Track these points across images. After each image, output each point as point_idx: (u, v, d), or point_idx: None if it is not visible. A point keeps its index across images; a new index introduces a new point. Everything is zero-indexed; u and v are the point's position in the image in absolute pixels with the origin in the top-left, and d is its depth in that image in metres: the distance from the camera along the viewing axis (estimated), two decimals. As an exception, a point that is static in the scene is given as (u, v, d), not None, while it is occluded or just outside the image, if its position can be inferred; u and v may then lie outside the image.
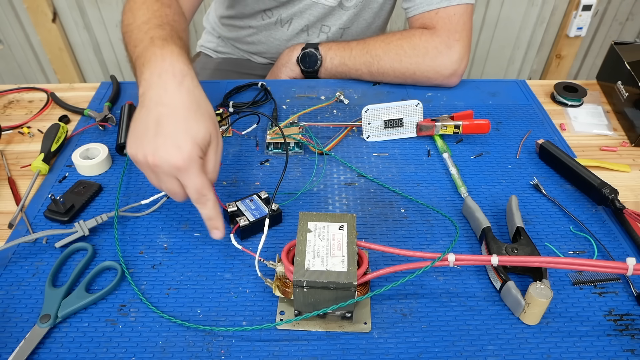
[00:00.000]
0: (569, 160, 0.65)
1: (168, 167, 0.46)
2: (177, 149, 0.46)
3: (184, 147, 0.46)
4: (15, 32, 1.81)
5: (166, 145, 0.46)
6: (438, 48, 0.79)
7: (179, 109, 0.48)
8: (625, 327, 0.49)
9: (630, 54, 0.80)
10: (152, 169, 0.47)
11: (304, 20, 0.90)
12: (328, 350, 0.46)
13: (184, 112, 0.48)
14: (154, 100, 0.48)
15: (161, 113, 0.47)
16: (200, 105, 0.49)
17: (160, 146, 0.46)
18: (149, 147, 0.47)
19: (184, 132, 0.47)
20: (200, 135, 0.47)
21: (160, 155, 0.46)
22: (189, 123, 0.47)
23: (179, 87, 0.49)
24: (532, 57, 2.01)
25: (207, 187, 0.48)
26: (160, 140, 0.46)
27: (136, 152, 0.48)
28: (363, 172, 0.66)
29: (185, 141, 0.46)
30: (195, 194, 0.48)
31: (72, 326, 0.48)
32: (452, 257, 0.47)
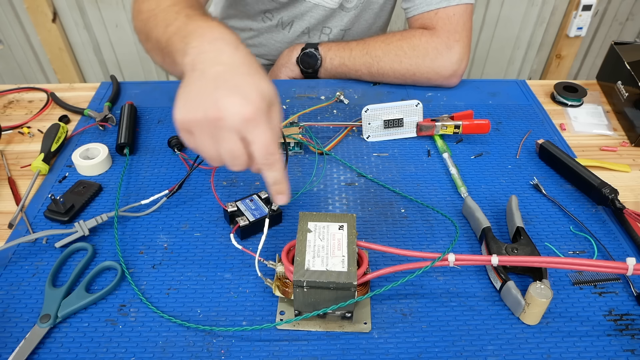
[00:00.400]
0: (569, 160, 0.65)
1: (234, 120, 0.40)
2: (244, 98, 0.40)
3: (251, 97, 0.41)
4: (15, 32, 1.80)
5: (231, 95, 0.40)
6: (438, 49, 0.79)
7: (240, 66, 0.43)
8: (625, 327, 0.49)
9: (630, 54, 0.80)
10: (214, 124, 0.41)
11: (305, 23, 0.90)
12: (328, 350, 0.46)
13: (246, 69, 0.43)
14: (210, 61, 0.43)
15: (220, 70, 0.42)
16: (259, 68, 0.44)
17: (223, 97, 0.40)
18: (209, 100, 0.41)
19: (249, 83, 0.42)
20: (266, 89, 0.42)
21: (224, 106, 0.40)
22: (253, 77, 0.42)
23: (236, 50, 0.44)
24: (532, 57, 2.01)
25: (276, 143, 0.43)
26: (223, 92, 0.41)
27: (190, 111, 0.42)
28: (363, 172, 0.66)
29: (252, 91, 0.41)
30: (264, 151, 0.42)
31: (72, 326, 0.48)
32: (452, 257, 0.47)
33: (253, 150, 0.42)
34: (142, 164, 0.67)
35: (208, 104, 0.41)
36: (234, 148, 0.42)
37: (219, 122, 0.41)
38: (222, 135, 0.41)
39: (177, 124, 0.43)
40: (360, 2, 0.88)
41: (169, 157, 0.69)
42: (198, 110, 0.41)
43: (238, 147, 0.42)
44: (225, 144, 0.42)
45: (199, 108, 0.41)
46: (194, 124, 0.42)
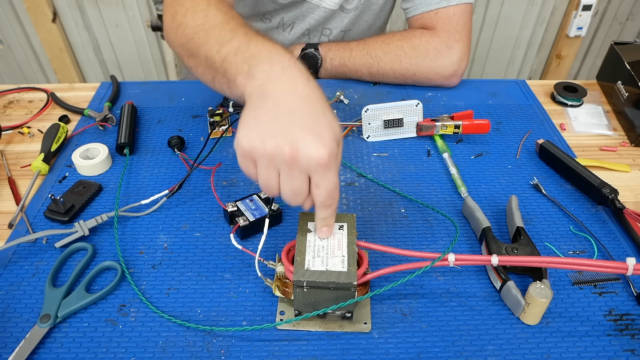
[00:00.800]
0: (569, 160, 0.65)
1: (309, 162, 0.39)
2: (321, 141, 0.39)
3: (328, 139, 0.40)
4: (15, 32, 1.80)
5: (309, 135, 0.39)
6: (438, 49, 0.79)
7: (316, 102, 0.42)
8: (625, 327, 0.49)
9: (630, 54, 0.80)
10: (286, 161, 0.40)
11: (306, 24, 0.90)
12: (328, 350, 0.46)
13: (321, 105, 0.42)
14: (285, 91, 0.42)
15: (296, 104, 0.41)
16: (328, 102, 0.44)
17: (301, 136, 0.39)
18: (285, 135, 0.40)
19: (326, 124, 0.41)
20: (338, 131, 0.41)
21: (301, 146, 0.39)
22: (328, 117, 0.41)
23: (308, 82, 0.43)
24: (532, 57, 2.01)
25: (338, 189, 0.43)
26: (301, 130, 0.40)
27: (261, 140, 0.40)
28: (363, 172, 0.66)
29: (329, 134, 0.40)
30: (327, 196, 0.42)
31: (72, 326, 0.48)
32: (452, 257, 0.47)
33: (317, 193, 0.42)
34: (142, 164, 0.67)
35: (283, 139, 0.40)
36: (300, 187, 0.42)
37: (292, 161, 0.40)
38: (291, 172, 0.41)
39: (241, 149, 0.41)
40: (360, 4, 0.88)
41: (169, 157, 0.69)
42: (270, 141, 0.40)
43: (304, 187, 0.42)
44: (292, 182, 0.41)
45: (271, 139, 0.40)
46: (261, 154, 0.41)
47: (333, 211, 0.45)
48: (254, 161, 0.42)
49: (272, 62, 0.44)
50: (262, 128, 0.41)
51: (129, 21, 1.78)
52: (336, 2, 0.87)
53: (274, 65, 0.44)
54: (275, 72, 0.43)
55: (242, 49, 0.47)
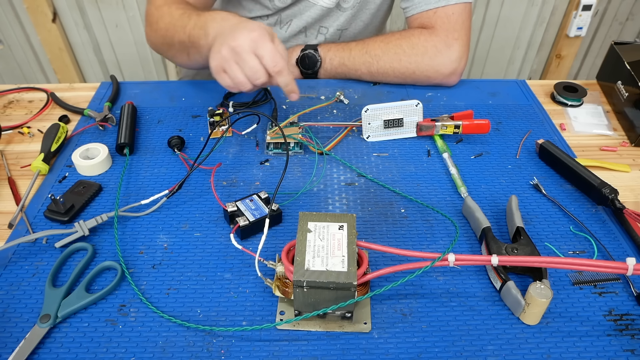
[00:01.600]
0: (569, 160, 0.65)
1: (245, 42, 0.58)
2: (250, 29, 0.59)
3: (255, 28, 0.59)
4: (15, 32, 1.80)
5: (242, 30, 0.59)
6: (437, 47, 0.79)
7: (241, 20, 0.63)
8: (625, 327, 0.49)
9: (630, 54, 0.80)
10: (235, 51, 0.58)
11: (302, 22, 0.90)
12: (328, 350, 0.46)
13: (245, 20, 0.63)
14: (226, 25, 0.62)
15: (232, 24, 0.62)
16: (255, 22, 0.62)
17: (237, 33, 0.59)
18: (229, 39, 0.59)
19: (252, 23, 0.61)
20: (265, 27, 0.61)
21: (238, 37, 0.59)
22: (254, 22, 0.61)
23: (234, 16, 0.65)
24: (532, 57, 2.01)
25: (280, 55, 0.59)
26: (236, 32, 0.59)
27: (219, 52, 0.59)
28: (363, 172, 0.66)
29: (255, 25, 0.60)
30: (271, 60, 0.59)
31: (72, 326, 0.48)
32: (452, 257, 0.47)
33: (265, 63, 0.59)
34: (142, 164, 0.67)
35: (229, 41, 0.59)
36: (253, 64, 0.59)
37: (237, 48, 0.58)
38: (243, 57, 0.59)
39: (213, 68, 0.61)
40: (357, 2, 0.88)
41: (169, 157, 0.69)
42: (223, 49, 0.59)
43: (255, 62, 0.59)
44: (247, 64, 0.59)
45: (223, 48, 0.59)
46: (223, 60, 0.60)
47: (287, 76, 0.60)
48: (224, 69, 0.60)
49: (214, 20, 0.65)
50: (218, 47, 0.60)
51: (129, 21, 1.78)
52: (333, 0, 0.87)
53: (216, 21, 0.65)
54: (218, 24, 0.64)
55: (196, 24, 0.67)
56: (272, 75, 0.60)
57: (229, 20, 0.64)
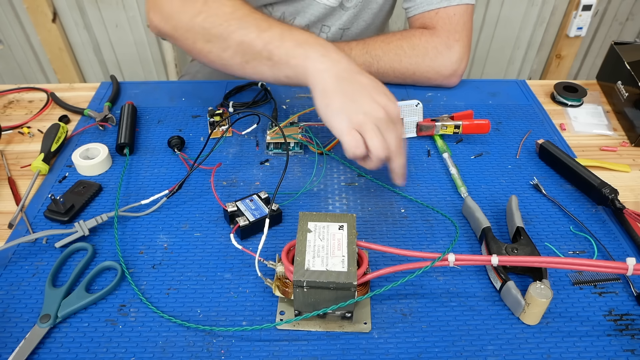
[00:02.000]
0: (569, 160, 0.65)
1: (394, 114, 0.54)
2: (394, 101, 0.55)
3: (392, 98, 0.56)
4: (15, 32, 1.80)
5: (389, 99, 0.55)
6: (438, 48, 0.79)
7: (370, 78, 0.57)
8: (625, 327, 0.49)
9: (630, 54, 0.80)
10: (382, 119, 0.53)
11: (305, 20, 0.90)
12: (328, 350, 0.46)
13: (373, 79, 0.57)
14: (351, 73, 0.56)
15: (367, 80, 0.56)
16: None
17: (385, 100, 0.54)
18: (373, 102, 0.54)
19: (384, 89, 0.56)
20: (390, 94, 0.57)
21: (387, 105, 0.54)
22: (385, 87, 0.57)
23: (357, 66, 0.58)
24: (532, 57, 2.01)
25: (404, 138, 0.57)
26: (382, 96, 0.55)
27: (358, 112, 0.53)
28: (363, 172, 0.66)
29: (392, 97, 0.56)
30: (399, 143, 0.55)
31: (72, 326, 0.48)
32: (452, 257, 0.47)
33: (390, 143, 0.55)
34: (142, 164, 0.67)
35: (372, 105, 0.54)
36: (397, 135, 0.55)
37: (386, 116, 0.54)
38: (387, 127, 0.54)
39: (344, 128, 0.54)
40: (359, 1, 0.88)
41: (169, 157, 0.69)
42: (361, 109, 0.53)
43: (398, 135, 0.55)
44: (390, 134, 0.54)
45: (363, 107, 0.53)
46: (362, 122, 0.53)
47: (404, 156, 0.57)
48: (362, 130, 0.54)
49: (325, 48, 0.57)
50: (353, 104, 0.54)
51: (129, 21, 1.78)
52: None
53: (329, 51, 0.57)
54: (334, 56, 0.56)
55: (285, 35, 0.58)
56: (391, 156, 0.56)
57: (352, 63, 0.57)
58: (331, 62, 0.56)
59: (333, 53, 0.57)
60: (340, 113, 0.54)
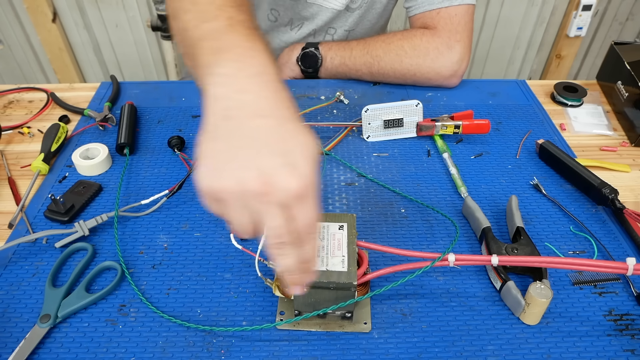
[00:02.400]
0: (569, 160, 0.65)
1: (283, 196, 0.33)
2: (295, 169, 0.34)
3: (303, 166, 0.34)
4: (15, 32, 1.80)
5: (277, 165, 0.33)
6: (439, 49, 0.78)
7: (287, 122, 0.36)
8: (625, 327, 0.49)
9: (630, 54, 0.79)
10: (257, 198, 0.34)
11: (313, 25, 0.90)
12: (328, 350, 0.46)
13: (292, 126, 0.36)
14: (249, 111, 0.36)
15: (260, 126, 0.35)
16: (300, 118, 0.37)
17: (271, 168, 0.33)
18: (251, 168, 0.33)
19: (300, 146, 0.35)
20: (314, 150, 0.35)
21: (272, 180, 0.33)
22: (301, 136, 0.35)
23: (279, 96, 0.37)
24: (532, 57, 2.01)
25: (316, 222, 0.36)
26: (270, 159, 0.34)
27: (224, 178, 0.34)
28: (363, 172, 0.66)
29: (304, 159, 0.34)
30: (306, 230, 0.36)
31: (72, 326, 0.48)
32: (452, 257, 0.47)
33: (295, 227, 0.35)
34: (142, 164, 0.67)
35: (249, 173, 0.33)
36: (279, 225, 0.34)
37: (264, 197, 0.33)
38: (264, 210, 0.34)
39: (203, 191, 0.35)
40: (364, 2, 0.88)
41: (169, 157, 0.69)
42: (233, 177, 0.34)
43: (282, 224, 0.34)
44: (268, 221, 0.34)
45: (235, 175, 0.34)
46: (227, 194, 0.34)
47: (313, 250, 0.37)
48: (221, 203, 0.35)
49: (239, 65, 0.38)
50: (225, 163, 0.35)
51: (129, 21, 1.78)
52: (343, 2, 0.87)
53: (240, 72, 0.38)
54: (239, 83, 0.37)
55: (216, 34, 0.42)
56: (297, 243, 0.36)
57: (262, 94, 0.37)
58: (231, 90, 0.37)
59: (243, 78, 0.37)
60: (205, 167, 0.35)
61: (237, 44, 0.40)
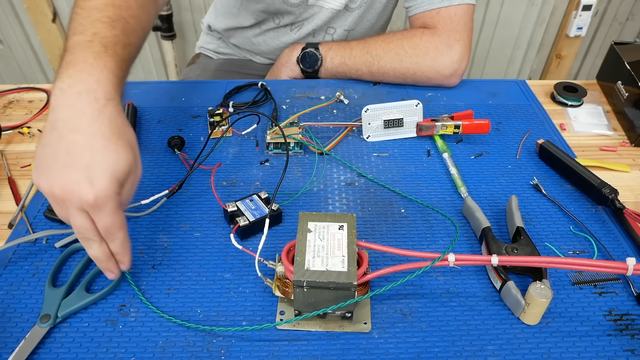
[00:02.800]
0: (569, 160, 0.65)
1: (78, 203, 0.42)
2: (90, 183, 0.41)
3: (99, 181, 0.42)
4: (15, 32, 1.80)
5: (77, 178, 0.41)
6: (439, 48, 0.79)
7: (96, 139, 0.42)
8: (625, 327, 0.49)
9: (630, 54, 0.80)
10: (59, 201, 0.43)
11: (312, 25, 0.90)
12: (328, 350, 0.46)
13: (102, 142, 0.42)
14: (69, 125, 0.42)
15: (75, 141, 0.42)
16: (120, 135, 0.44)
17: (67, 176, 0.41)
18: (57, 178, 0.42)
19: (100, 165, 0.42)
20: (119, 168, 0.43)
21: (67, 186, 0.41)
22: (107, 155, 0.42)
23: (100, 114, 0.43)
24: (532, 57, 2.01)
25: (117, 226, 0.44)
26: (71, 172, 0.41)
27: (41, 181, 0.42)
28: (363, 172, 0.66)
29: (102, 174, 0.42)
30: (105, 232, 0.45)
31: (72, 326, 0.48)
32: (452, 257, 0.47)
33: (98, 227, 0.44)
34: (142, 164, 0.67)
35: (57, 180, 0.42)
36: (80, 224, 0.43)
37: (66, 202, 0.42)
38: (70, 211, 0.43)
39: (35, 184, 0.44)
40: (363, 2, 0.88)
41: (169, 157, 0.69)
42: (47, 182, 0.42)
43: (84, 223, 0.43)
44: (72, 220, 0.43)
45: (48, 180, 0.42)
46: (45, 192, 0.43)
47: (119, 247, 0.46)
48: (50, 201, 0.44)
49: (73, 82, 0.43)
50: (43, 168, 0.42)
51: (129, 21, 1.77)
52: (342, 2, 0.87)
53: (72, 88, 0.43)
54: (68, 97, 0.43)
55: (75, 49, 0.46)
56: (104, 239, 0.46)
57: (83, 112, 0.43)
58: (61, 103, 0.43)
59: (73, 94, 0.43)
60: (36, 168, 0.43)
61: (83, 60, 0.45)
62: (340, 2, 0.87)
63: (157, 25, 1.74)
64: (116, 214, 0.44)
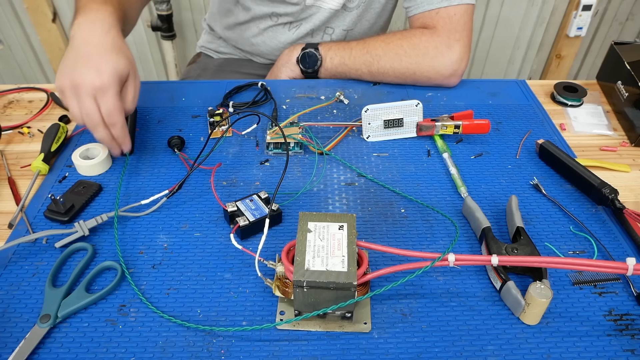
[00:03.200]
0: (569, 160, 0.65)
1: (88, 86, 0.56)
2: (96, 71, 0.56)
3: (103, 71, 0.56)
4: (15, 32, 1.80)
5: (88, 69, 0.56)
6: (438, 48, 0.79)
7: (102, 48, 0.58)
8: (625, 327, 0.49)
9: (630, 54, 0.80)
10: (74, 89, 0.56)
11: (311, 24, 0.90)
12: (328, 350, 0.46)
13: (105, 49, 0.58)
14: (82, 41, 0.59)
15: (87, 51, 0.58)
16: (120, 49, 0.60)
17: (82, 70, 0.56)
18: (74, 73, 0.57)
19: (104, 61, 0.57)
20: (119, 67, 0.58)
21: (81, 76, 0.56)
22: (109, 56, 0.58)
23: (106, 35, 0.59)
24: (532, 57, 2.01)
25: (118, 110, 0.58)
26: (84, 67, 0.57)
27: (61, 79, 0.57)
28: (363, 172, 0.66)
29: (104, 67, 0.57)
30: (107, 114, 0.58)
31: (72, 326, 0.48)
32: (452, 257, 0.47)
33: (102, 112, 0.58)
34: (142, 164, 0.67)
35: (74, 74, 0.57)
36: (89, 108, 0.57)
37: (77, 88, 0.57)
38: (81, 97, 0.57)
39: (56, 86, 0.59)
40: (362, 2, 0.88)
41: (169, 157, 0.69)
42: (67, 78, 0.57)
43: (92, 107, 0.57)
44: (83, 104, 0.57)
45: (67, 76, 0.57)
46: (64, 91, 0.58)
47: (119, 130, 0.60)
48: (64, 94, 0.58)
49: (86, 17, 0.60)
50: (66, 70, 0.58)
51: (129, 21, 1.77)
52: (340, 1, 0.87)
53: (85, 20, 0.60)
54: (83, 26, 0.60)
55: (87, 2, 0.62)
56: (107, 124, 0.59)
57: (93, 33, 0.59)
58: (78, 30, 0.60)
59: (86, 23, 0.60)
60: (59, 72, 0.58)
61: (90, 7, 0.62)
62: (338, 2, 0.87)
63: (157, 25, 1.74)
64: (117, 100, 0.58)
